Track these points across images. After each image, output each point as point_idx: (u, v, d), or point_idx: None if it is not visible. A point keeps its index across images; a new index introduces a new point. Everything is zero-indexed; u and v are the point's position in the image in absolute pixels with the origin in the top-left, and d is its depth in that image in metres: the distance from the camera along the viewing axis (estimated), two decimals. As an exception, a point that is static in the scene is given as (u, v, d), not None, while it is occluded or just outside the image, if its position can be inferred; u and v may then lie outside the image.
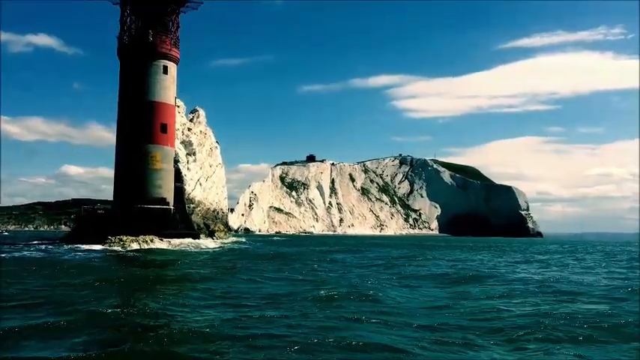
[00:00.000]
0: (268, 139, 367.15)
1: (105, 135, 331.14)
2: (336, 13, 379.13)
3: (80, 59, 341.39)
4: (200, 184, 64.85)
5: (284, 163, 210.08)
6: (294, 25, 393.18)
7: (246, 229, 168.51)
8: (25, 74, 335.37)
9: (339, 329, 12.45)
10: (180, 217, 55.06)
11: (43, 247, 41.98)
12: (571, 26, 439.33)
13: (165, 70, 53.33)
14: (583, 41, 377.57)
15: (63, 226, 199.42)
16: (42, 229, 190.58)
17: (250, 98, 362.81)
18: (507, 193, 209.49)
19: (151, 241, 44.85)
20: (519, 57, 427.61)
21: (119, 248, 41.56)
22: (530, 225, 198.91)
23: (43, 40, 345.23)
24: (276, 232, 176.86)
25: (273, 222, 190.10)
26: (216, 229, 61.13)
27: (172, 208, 53.25)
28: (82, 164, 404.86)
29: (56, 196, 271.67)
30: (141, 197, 50.86)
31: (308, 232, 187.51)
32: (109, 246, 42.32)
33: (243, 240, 70.47)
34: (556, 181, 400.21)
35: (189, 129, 66.49)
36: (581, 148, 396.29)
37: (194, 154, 66.40)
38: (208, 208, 63.32)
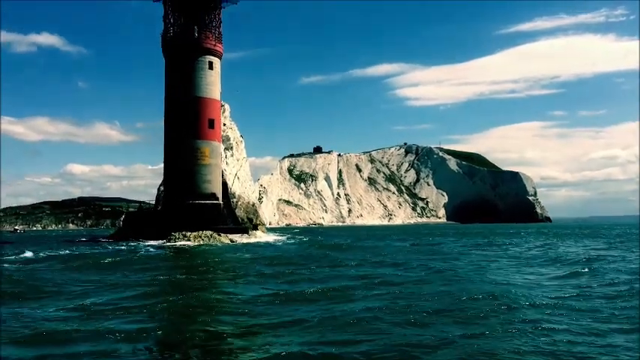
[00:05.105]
0: (271, 132, 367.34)
1: (110, 133, 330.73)
2: (333, 4, 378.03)
3: (84, 58, 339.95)
4: (238, 178, 65.08)
5: (291, 156, 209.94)
6: (292, 17, 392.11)
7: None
8: (29, 74, 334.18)
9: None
10: (227, 212, 55.38)
11: (115, 245, 41.86)
12: (572, 9, 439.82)
13: (211, 65, 53.50)
14: (585, 24, 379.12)
15: (70, 225, 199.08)
16: (50, 228, 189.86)
17: (250, 91, 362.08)
18: (514, 179, 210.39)
19: (211, 236, 45.10)
20: (521, 41, 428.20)
21: (187, 243, 41.79)
22: (538, 210, 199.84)
23: (46, 39, 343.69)
24: (287, 225, 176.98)
25: (283, 214, 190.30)
26: (258, 222, 61.58)
27: (222, 203, 53.61)
28: (86, 163, 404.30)
29: (62, 195, 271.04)
30: (192, 193, 51.18)
31: (318, 224, 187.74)
32: (175, 242, 42.53)
33: (287, 235, 70.49)
34: (560, 166, 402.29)
35: (224, 124, 66.59)
36: (585, 131, 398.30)
37: (231, 148, 66.61)
38: (248, 202, 63.63)
